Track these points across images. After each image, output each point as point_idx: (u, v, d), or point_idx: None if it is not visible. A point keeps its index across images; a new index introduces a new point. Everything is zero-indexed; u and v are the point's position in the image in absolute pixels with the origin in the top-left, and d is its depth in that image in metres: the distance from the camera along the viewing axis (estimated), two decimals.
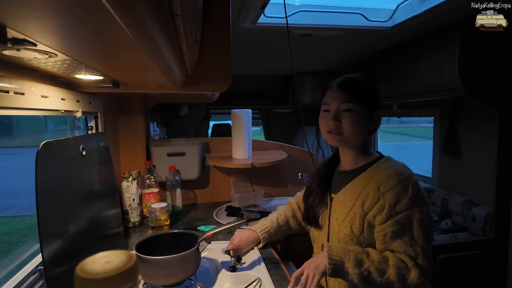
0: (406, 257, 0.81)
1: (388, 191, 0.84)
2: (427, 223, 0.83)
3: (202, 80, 1.13)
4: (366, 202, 0.86)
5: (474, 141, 2.19)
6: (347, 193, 0.92)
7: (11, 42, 0.44)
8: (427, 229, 0.82)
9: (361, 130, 0.91)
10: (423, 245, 0.81)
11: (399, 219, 0.82)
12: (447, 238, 1.92)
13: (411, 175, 0.87)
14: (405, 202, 0.82)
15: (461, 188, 2.30)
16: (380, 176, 0.87)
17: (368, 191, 0.87)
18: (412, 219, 0.82)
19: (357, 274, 0.79)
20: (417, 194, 0.83)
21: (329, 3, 1.80)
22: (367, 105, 0.91)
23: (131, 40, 0.42)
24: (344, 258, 0.81)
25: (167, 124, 3.38)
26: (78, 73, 0.76)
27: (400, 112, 2.73)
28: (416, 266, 0.80)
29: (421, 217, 0.82)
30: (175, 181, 1.52)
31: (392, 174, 0.86)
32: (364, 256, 0.82)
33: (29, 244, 1.06)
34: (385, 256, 0.82)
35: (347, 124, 0.89)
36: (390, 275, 0.79)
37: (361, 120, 0.90)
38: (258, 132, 4.62)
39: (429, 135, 2.69)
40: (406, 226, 0.82)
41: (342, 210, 0.91)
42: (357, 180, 0.91)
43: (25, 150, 1.36)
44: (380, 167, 0.90)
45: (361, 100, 0.89)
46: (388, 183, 0.84)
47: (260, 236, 1.11)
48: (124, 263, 0.23)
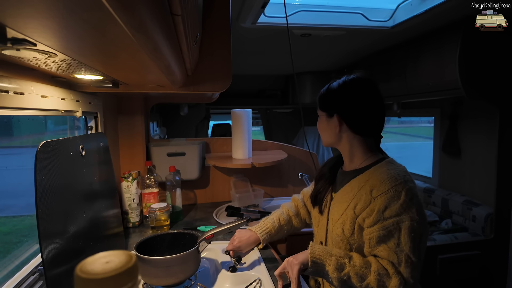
0: (388, 263, 0.80)
1: (379, 196, 0.82)
2: (417, 232, 0.79)
3: (202, 80, 1.13)
4: (358, 205, 0.86)
5: (475, 141, 2.19)
6: (343, 194, 0.92)
7: (11, 42, 0.44)
8: (416, 239, 0.79)
9: (330, 133, 0.96)
10: (409, 253, 0.78)
11: (387, 225, 0.80)
12: (447, 238, 1.92)
13: (407, 181, 0.84)
14: (395, 208, 0.80)
15: (462, 188, 2.30)
16: (375, 180, 0.86)
17: (361, 194, 0.86)
18: (401, 225, 0.79)
19: (337, 278, 0.80)
20: (409, 201, 0.81)
21: (329, 3, 1.80)
22: (327, 112, 0.95)
23: (131, 40, 0.42)
24: (325, 261, 0.83)
25: (167, 124, 3.38)
26: (78, 73, 0.76)
27: (400, 112, 2.73)
28: (397, 274, 0.78)
29: (410, 225, 0.79)
30: (175, 181, 1.52)
31: (386, 178, 0.84)
32: (346, 260, 0.82)
33: (29, 244, 1.06)
34: (367, 262, 0.82)
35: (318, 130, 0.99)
36: (370, 281, 0.79)
37: (324, 125, 0.96)
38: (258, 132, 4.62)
39: (429, 135, 2.69)
40: (392, 232, 0.80)
41: (337, 211, 0.92)
42: (354, 182, 0.91)
43: (25, 150, 1.36)
44: (378, 170, 0.88)
45: (323, 108, 0.96)
46: (381, 188, 0.83)
47: (260, 237, 1.11)
48: (124, 263, 0.23)
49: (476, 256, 1.82)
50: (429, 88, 2.02)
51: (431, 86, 2.00)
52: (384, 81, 2.53)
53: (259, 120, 3.90)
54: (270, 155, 1.79)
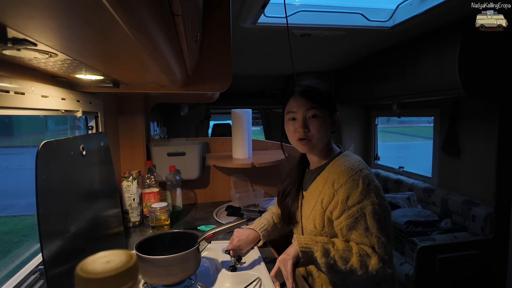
0: (365, 246, 0.86)
1: (340, 187, 0.89)
2: (380, 214, 0.86)
3: (202, 80, 1.13)
4: (324, 200, 0.92)
5: (474, 141, 2.19)
6: (311, 191, 0.97)
7: (12, 42, 0.44)
8: (381, 219, 0.86)
9: (327, 133, 0.96)
10: (378, 234, 0.85)
11: (352, 213, 0.86)
12: (447, 238, 1.92)
13: (362, 169, 0.90)
14: (356, 196, 0.86)
15: (461, 188, 2.30)
16: (334, 174, 0.92)
17: (326, 189, 0.92)
18: (364, 211, 0.86)
19: (324, 263, 0.84)
20: (367, 187, 0.87)
21: (329, 3, 1.80)
22: (329, 109, 0.96)
23: (131, 40, 0.42)
24: (312, 248, 0.86)
25: (167, 124, 3.38)
26: (78, 73, 0.76)
27: (400, 112, 2.74)
28: (375, 253, 0.85)
29: (373, 209, 0.85)
30: (175, 181, 1.52)
31: (343, 170, 0.90)
32: (330, 245, 0.87)
33: (29, 244, 1.06)
34: (349, 245, 0.87)
35: (315, 130, 0.93)
36: (353, 263, 0.84)
37: (326, 124, 0.95)
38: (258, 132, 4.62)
39: (429, 135, 2.69)
40: (358, 218, 0.86)
41: (308, 208, 0.97)
42: (318, 179, 0.97)
43: (25, 150, 1.36)
44: (336, 164, 0.95)
45: (323, 105, 0.94)
46: (340, 180, 0.89)
47: (260, 233, 1.12)
48: (124, 263, 0.23)
49: (476, 255, 1.82)
50: (429, 88, 2.02)
51: (431, 86, 2.00)
52: (384, 81, 2.53)
53: (259, 120, 3.91)
54: (270, 155, 1.79)
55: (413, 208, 2.40)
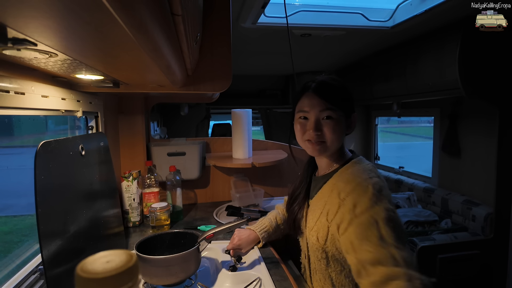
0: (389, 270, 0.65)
1: (347, 197, 0.77)
2: (396, 221, 0.71)
3: (202, 80, 1.13)
4: (329, 211, 0.81)
5: (474, 141, 2.19)
6: (317, 201, 0.89)
7: (12, 42, 0.44)
8: (397, 228, 0.70)
9: (341, 136, 0.86)
10: (395, 243, 0.67)
11: (362, 221, 0.71)
12: (447, 238, 1.92)
13: (372, 177, 0.79)
14: (365, 202, 0.73)
15: (461, 188, 2.30)
16: (341, 182, 0.82)
17: (332, 199, 0.82)
18: (376, 218, 0.70)
19: None
20: (378, 192, 0.74)
21: (329, 3, 1.80)
22: (345, 111, 0.86)
23: (131, 40, 0.42)
24: None
25: (167, 124, 3.38)
26: (78, 73, 0.76)
27: (400, 112, 2.74)
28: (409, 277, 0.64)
29: (387, 215, 0.71)
30: (175, 181, 1.52)
31: (351, 178, 0.80)
32: None
33: (29, 244, 1.06)
34: None
35: (329, 133, 0.83)
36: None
37: (341, 127, 0.84)
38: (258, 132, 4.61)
39: (429, 135, 2.69)
40: (370, 226, 0.70)
41: (312, 219, 0.89)
42: (325, 187, 0.87)
43: (25, 150, 1.36)
44: (344, 172, 0.84)
45: (340, 106, 0.84)
46: (347, 188, 0.78)
47: (259, 235, 1.12)
48: (124, 263, 0.23)
49: (476, 255, 1.82)
50: (429, 88, 2.02)
51: (431, 86, 2.00)
52: (384, 81, 2.53)
53: (259, 120, 3.90)
54: (270, 155, 1.79)
55: (413, 208, 2.40)
